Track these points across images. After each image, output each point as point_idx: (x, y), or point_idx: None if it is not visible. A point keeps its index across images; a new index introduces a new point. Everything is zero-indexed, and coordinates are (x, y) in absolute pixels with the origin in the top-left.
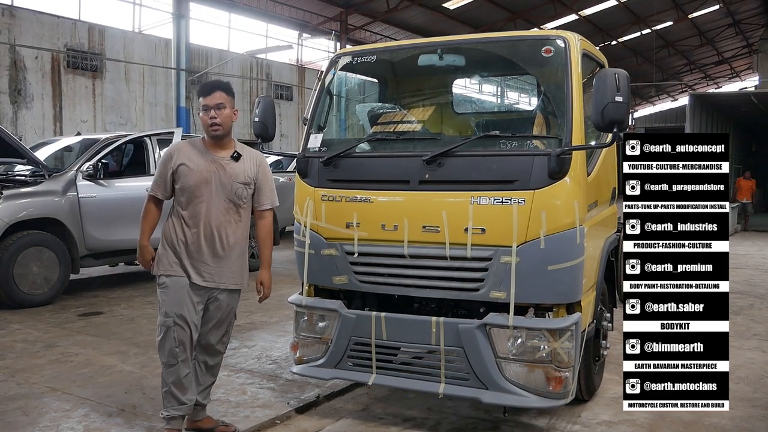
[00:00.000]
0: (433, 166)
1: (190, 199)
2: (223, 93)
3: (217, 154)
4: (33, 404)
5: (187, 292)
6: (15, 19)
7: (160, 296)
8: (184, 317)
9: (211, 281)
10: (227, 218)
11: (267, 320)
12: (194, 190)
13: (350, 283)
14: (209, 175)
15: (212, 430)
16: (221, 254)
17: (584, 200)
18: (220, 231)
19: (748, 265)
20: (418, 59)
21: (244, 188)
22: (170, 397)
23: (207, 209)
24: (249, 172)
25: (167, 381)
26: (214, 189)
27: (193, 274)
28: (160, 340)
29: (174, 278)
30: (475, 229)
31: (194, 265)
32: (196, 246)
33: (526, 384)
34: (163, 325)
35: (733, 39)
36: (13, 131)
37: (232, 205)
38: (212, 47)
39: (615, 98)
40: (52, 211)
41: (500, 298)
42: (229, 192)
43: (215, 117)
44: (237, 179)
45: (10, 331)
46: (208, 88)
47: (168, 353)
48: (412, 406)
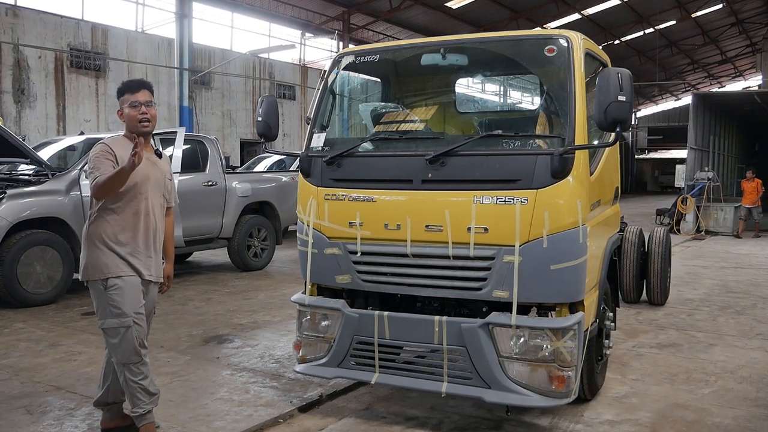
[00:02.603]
0: (435, 165)
1: (132, 196)
2: (148, 92)
3: (146, 152)
4: (37, 403)
5: (139, 289)
6: (18, 18)
7: (112, 298)
8: (141, 314)
9: (150, 274)
10: (161, 214)
11: (270, 319)
12: (139, 186)
13: (353, 283)
14: (148, 171)
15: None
16: (156, 249)
17: (587, 200)
18: (159, 226)
19: (752, 264)
20: (421, 59)
21: (171, 184)
22: (142, 392)
23: (148, 206)
24: (169, 170)
25: (135, 379)
26: (152, 185)
27: (143, 270)
28: (119, 342)
29: (126, 278)
30: (478, 229)
31: (141, 260)
32: (142, 242)
33: (529, 383)
34: (121, 326)
35: (737, 38)
36: (17, 131)
37: (164, 201)
38: (215, 47)
39: (618, 97)
40: (56, 211)
41: (503, 297)
42: (163, 188)
43: (146, 113)
44: (166, 175)
45: (14, 330)
46: (135, 86)
47: (132, 351)
48: (414, 405)
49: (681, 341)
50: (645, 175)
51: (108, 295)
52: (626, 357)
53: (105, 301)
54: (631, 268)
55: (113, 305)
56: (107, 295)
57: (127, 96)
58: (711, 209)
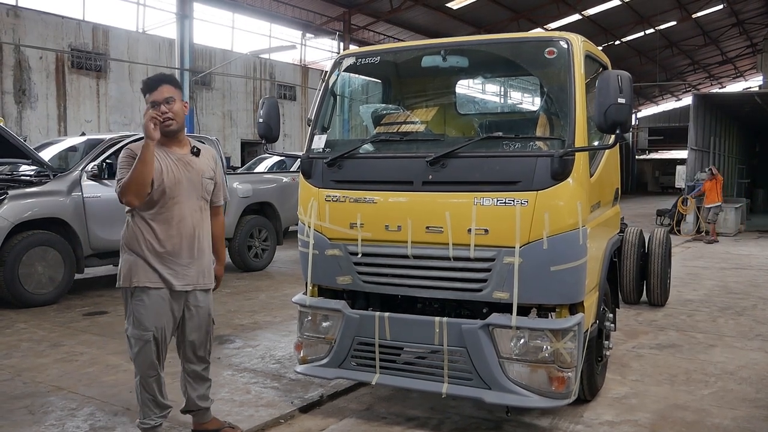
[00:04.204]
0: (436, 167)
1: (164, 201)
2: (170, 86)
3: (178, 152)
4: (39, 403)
5: (166, 303)
6: (19, 19)
7: (136, 309)
8: (163, 330)
9: (187, 284)
10: (201, 216)
11: (271, 320)
12: (168, 191)
13: (354, 284)
14: (180, 174)
15: (218, 431)
16: (196, 255)
17: (587, 201)
18: (197, 231)
19: (752, 265)
20: (422, 60)
21: (211, 183)
22: (153, 405)
23: (182, 210)
24: (210, 167)
25: (148, 390)
26: (185, 188)
27: (172, 280)
28: (137, 354)
29: (152, 291)
30: (479, 230)
31: (172, 269)
32: (175, 250)
33: (529, 384)
34: (141, 339)
35: (737, 39)
36: (18, 131)
37: (203, 202)
38: (216, 47)
39: (618, 100)
40: (57, 211)
41: (503, 298)
42: (200, 189)
43: (167, 111)
44: (204, 174)
45: (16, 331)
46: (153, 83)
47: (149, 366)
48: (415, 406)
49: (681, 342)
50: (645, 175)
51: (133, 305)
52: (626, 358)
53: (130, 310)
54: (631, 269)
55: (136, 317)
56: (132, 305)
57: (147, 96)
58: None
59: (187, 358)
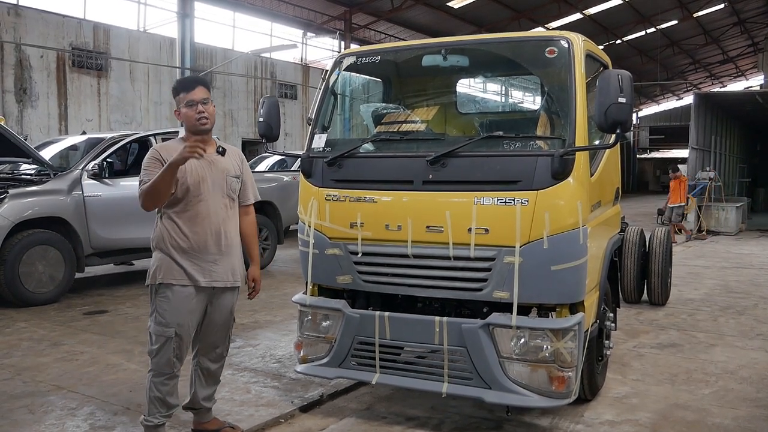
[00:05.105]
0: (436, 166)
1: (188, 199)
2: (204, 88)
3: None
4: (39, 402)
5: (190, 300)
6: (20, 18)
7: (159, 305)
8: (185, 327)
9: (213, 280)
10: (227, 214)
11: (271, 319)
12: (193, 189)
13: (354, 283)
14: (204, 172)
15: (218, 431)
16: (224, 251)
17: (587, 201)
18: (223, 228)
19: (753, 264)
20: (422, 60)
21: (237, 182)
22: (160, 404)
23: (207, 207)
24: (236, 166)
25: (160, 389)
26: (210, 186)
27: (197, 276)
28: (157, 350)
29: (177, 288)
30: (479, 230)
31: (198, 265)
32: (200, 246)
33: (529, 384)
34: (162, 335)
35: (738, 38)
36: (19, 130)
37: (229, 200)
38: (217, 46)
39: (618, 99)
40: (58, 210)
41: (503, 298)
42: (225, 187)
43: (203, 111)
44: (229, 173)
45: (16, 330)
46: (189, 83)
47: (165, 363)
48: (415, 405)
49: (682, 341)
50: (646, 174)
51: (157, 301)
52: (627, 357)
53: (154, 306)
54: (632, 268)
55: (159, 312)
56: (156, 301)
57: (182, 95)
58: (712, 209)
59: (204, 354)
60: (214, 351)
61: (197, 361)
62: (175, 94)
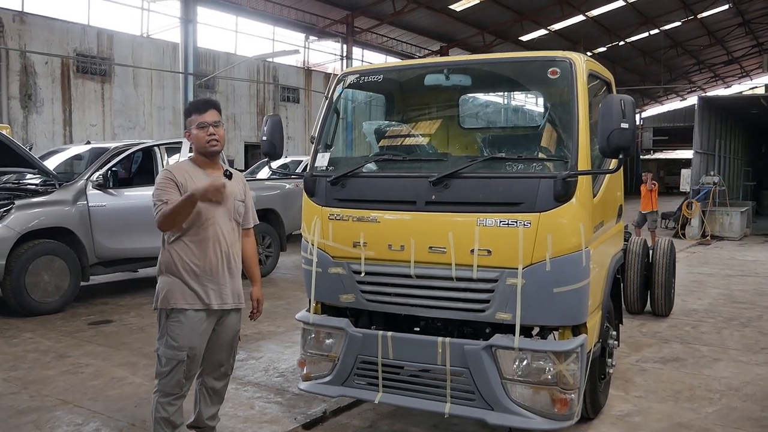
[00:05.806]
0: (439, 187)
1: (200, 222)
2: (216, 111)
3: (213, 174)
4: (45, 418)
5: (202, 323)
6: (25, 25)
7: (171, 329)
8: (196, 350)
9: (224, 303)
10: (234, 237)
11: (274, 330)
12: (203, 212)
13: (357, 302)
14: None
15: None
16: (233, 274)
17: (590, 222)
18: (231, 251)
19: (758, 272)
20: (425, 79)
21: (242, 206)
22: (166, 423)
23: (216, 231)
24: (241, 190)
25: (167, 409)
26: (219, 209)
27: (210, 299)
28: (167, 372)
29: (190, 312)
30: (481, 251)
31: (210, 288)
32: (213, 269)
33: (532, 405)
34: (174, 358)
35: (743, 38)
36: (24, 136)
37: (236, 224)
38: (219, 51)
39: (621, 125)
40: (63, 221)
41: (506, 319)
42: (232, 211)
43: (213, 134)
44: (236, 197)
45: (23, 340)
46: (201, 106)
47: (175, 384)
48: (418, 423)
49: (685, 355)
50: None
51: (169, 325)
52: (629, 372)
53: (165, 330)
54: (635, 279)
55: (171, 336)
56: (168, 325)
57: (194, 117)
58: (717, 214)
59: (209, 373)
60: (219, 370)
61: (202, 380)
62: (186, 116)
